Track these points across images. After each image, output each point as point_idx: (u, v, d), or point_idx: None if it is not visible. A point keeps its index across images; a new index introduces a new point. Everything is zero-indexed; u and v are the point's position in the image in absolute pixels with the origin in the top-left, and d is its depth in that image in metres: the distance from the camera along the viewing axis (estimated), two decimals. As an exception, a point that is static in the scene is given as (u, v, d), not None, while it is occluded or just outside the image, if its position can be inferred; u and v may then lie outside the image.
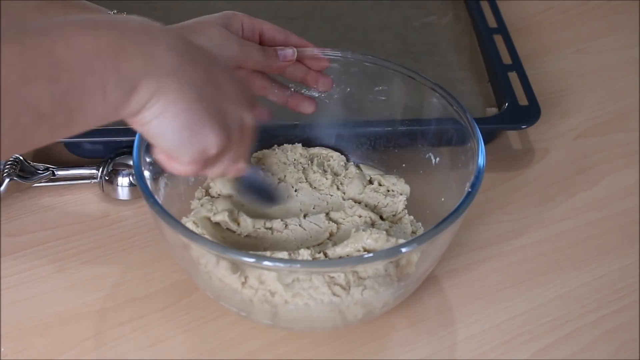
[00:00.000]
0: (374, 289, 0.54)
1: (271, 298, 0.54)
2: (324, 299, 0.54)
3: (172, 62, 0.42)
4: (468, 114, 0.61)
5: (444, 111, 0.64)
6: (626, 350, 0.60)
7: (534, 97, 0.77)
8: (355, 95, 0.70)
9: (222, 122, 0.46)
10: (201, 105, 0.44)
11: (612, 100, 0.86)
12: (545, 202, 0.73)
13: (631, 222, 0.71)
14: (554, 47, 0.93)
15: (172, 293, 0.63)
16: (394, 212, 0.66)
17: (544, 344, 0.60)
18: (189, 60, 0.44)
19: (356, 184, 0.67)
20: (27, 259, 0.65)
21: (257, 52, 0.62)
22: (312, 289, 0.54)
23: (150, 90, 0.41)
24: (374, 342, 0.60)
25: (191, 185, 0.66)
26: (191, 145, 0.45)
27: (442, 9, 0.93)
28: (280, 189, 0.66)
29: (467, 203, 0.54)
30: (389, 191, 0.68)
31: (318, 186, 0.68)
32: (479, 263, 0.67)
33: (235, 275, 0.54)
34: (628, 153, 0.79)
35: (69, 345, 0.59)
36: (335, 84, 0.69)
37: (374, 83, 0.69)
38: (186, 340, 0.60)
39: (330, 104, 0.70)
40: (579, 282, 0.66)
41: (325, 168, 0.69)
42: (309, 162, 0.70)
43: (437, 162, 0.67)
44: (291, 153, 0.70)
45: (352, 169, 0.70)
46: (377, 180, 0.68)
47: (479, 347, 0.60)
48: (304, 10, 0.92)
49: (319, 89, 0.68)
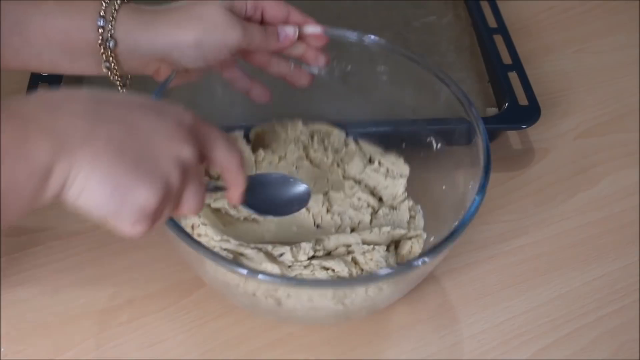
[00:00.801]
0: (377, 285, 0.55)
1: (274, 292, 0.54)
2: (327, 293, 0.54)
3: (81, 131, 0.40)
4: (474, 110, 0.61)
5: (448, 103, 0.63)
6: (626, 350, 0.60)
7: (534, 97, 0.77)
8: (356, 74, 0.69)
9: (153, 172, 0.42)
10: (124, 165, 0.41)
11: (612, 100, 0.86)
12: (545, 202, 0.73)
13: (631, 222, 0.71)
14: (554, 47, 0.93)
15: (172, 293, 0.63)
16: (394, 195, 0.66)
17: (544, 344, 0.60)
18: (101, 119, 0.41)
19: (356, 163, 0.67)
20: (27, 259, 0.65)
21: (260, 36, 0.60)
22: None
23: (65, 169, 0.40)
24: (374, 342, 0.60)
25: None
26: (127, 208, 0.42)
27: (442, 9, 0.93)
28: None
29: (467, 222, 0.54)
30: (389, 171, 0.67)
31: (318, 164, 0.68)
32: (479, 263, 0.67)
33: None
34: (628, 153, 0.79)
35: (69, 345, 0.59)
36: (335, 62, 0.68)
37: (375, 63, 0.68)
38: (186, 340, 0.60)
39: (331, 81, 0.69)
40: (579, 282, 0.66)
41: (326, 145, 0.69)
42: (310, 138, 0.69)
43: (438, 148, 0.66)
44: (291, 130, 0.69)
45: (352, 145, 0.69)
46: (377, 159, 0.68)
47: (479, 347, 0.60)
48: (304, 10, 0.91)
49: (318, 65, 0.66)
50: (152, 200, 0.42)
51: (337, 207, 0.64)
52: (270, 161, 0.67)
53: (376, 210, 0.66)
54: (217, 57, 0.57)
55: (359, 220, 0.64)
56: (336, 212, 0.64)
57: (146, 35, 0.55)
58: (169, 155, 0.43)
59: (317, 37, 0.64)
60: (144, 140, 0.42)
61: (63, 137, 0.40)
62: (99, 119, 0.41)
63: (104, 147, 0.41)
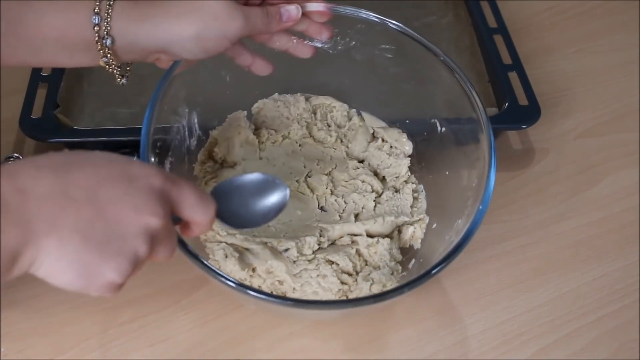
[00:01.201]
0: (381, 282, 0.55)
1: (280, 286, 0.54)
2: (332, 287, 0.54)
3: (47, 219, 0.41)
4: (479, 101, 0.60)
5: (449, 85, 0.63)
6: (626, 350, 0.60)
7: (534, 97, 0.77)
8: (360, 49, 0.69)
9: (120, 252, 0.42)
10: (90, 250, 0.41)
11: (612, 100, 0.86)
12: (545, 202, 0.73)
13: (631, 222, 0.71)
14: (554, 47, 0.93)
15: (172, 293, 0.63)
16: (397, 174, 0.66)
17: (544, 344, 0.60)
18: (68, 201, 0.41)
19: (360, 140, 0.67)
20: (27, 258, 0.65)
21: (262, 21, 0.58)
22: (320, 277, 0.54)
23: (32, 256, 0.41)
24: (374, 342, 0.60)
25: (193, 149, 0.66)
26: (94, 285, 0.42)
27: (442, 9, 0.93)
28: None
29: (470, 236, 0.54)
30: (392, 148, 0.67)
31: (322, 141, 0.67)
32: (479, 263, 0.67)
33: (243, 272, 0.55)
34: (628, 153, 0.79)
35: (69, 345, 0.59)
36: (339, 37, 0.67)
37: (379, 40, 0.68)
38: (186, 340, 0.60)
39: (334, 56, 0.69)
40: (579, 282, 0.66)
41: (329, 122, 0.69)
42: (312, 115, 0.68)
43: (442, 131, 0.66)
44: (294, 107, 0.68)
45: (355, 119, 0.69)
46: (381, 135, 0.68)
47: (479, 347, 0.60)
48: (304, 10, 0.92)
49: (322, 40, 0.64)
50: (119, 279, 0.43)
51: (341, 189, 0.64)
52: (274, 141, 0.67)
53: (380, 194, 0.65)
54: (218, 48, 0.56)
55: (363, 205, 0.65)
56: (340, 194, 0.64)
57: (144, 30, 0.53)
58: (137, 230, 0.43)
59: (320, 13, 0.62)
60: (112, 220, 0.42)
61: (30, 225, 0.40)
62: (65, 201, 0.41)
63: (69, 235, 0.41)
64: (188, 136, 0.64)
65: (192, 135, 0.65)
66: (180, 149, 0.63)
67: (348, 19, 0.66)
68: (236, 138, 0.65)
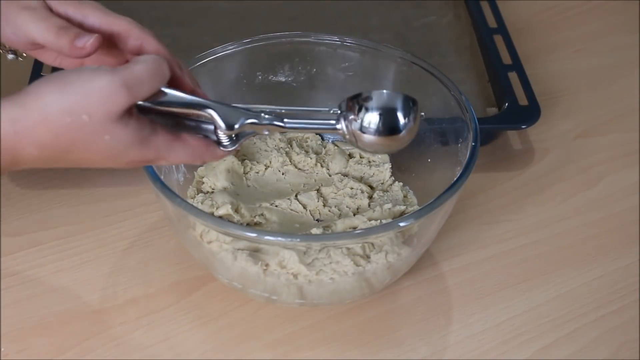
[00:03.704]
0: (395, 252, 0.56)
1: (295, 281, 0.55)
2: (347, 270, 0.55)
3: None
4: (455, 86, 0.63)
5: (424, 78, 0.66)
6: (626, 350, 0.60)
7: (534, 97, 0.77)
8: (321, 75, 0.71)
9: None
10: None
11: (612, 100, 0.86)
12: (545, 202, 0.73)
13: (631, 222, 0.71)
14: (554, 47, 0.93)
15: (172, 293, 0.63)
16: (382, 180, 0.68)
17: (544, 344, 0.60)
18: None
19: (339, 159, 0.69)
20: (27, 259, 0.65)
21: (54, 31, 0.50)
22: (334, 263, 0.55)
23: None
24: (373, 342, 0.60)
25: (182, 184, 0.66)
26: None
27: (442, 9, 0.93)
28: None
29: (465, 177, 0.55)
30: (371, 162, 0.70)
31: (303, 167, 0.69)
32: (479, 263, 0.67)
33: (256, 267, 0.55)
34: (628, 153, 0.79)
35: (69, 345, 0.59)
36: (300, 67, 0.70)
37: (338, 60, 0.70)
38: (186, 340, 0.60)
39: (298, 87, 0.71)
40: (579, 282, 0.66)
41: (306, 149, 0.71)
42: (289, 145, 0.71)
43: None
44: (270, 140, 0.71)
45: (330, 146, 0.72)
46: (357, 153, 0.70)
47: (479, 347, 0.60)
48: (304, 10, 0.92)
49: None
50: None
51: (332, 200, 0.66)
52: (257, 171, 0.69)
53: (371, 195, 0.67)
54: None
55: (358, 205, 0.66)
56: (333, 205, 0.65)
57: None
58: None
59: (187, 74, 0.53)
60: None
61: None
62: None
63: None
64: (175, 171, 0.65)
65: (179, 171, 0.65)
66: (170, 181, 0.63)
67: (304, 47, 0.69)
68: (222, 164, 0.66)
